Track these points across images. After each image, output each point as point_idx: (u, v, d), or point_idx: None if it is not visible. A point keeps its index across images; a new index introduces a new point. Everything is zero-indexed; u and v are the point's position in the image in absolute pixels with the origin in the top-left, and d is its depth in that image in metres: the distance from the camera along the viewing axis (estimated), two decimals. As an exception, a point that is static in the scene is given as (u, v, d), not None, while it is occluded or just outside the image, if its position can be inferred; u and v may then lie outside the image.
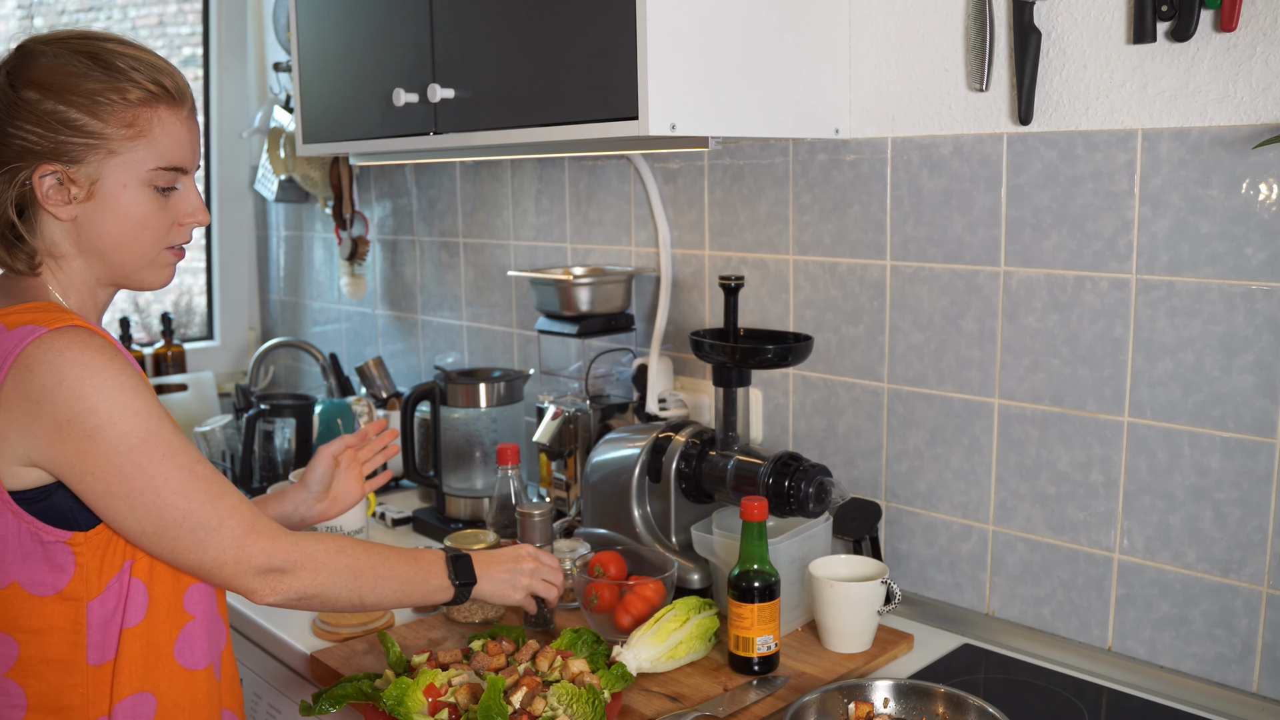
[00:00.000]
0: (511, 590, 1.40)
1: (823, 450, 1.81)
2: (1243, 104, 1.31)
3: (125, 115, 1.15)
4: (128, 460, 1.09)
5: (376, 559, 1.26)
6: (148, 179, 1.17)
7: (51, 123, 1.12)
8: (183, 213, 1.22)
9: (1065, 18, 1.45)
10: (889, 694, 1.32)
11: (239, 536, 1.15)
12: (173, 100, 1.18)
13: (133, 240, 1.19)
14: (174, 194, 1.21)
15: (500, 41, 1.61)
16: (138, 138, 1.15)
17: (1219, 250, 1.35)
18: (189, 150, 1.21)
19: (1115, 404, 1.47)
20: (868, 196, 1.70)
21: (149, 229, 1.19)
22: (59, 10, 2.92)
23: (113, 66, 1.15)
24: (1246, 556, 1.37)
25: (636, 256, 2.09)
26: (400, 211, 2.72)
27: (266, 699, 1.74)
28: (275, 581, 1.18)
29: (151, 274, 1.23)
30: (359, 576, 1.24)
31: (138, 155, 1.16)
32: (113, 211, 1.17)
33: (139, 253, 1.20)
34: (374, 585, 1.25)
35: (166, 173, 1.19)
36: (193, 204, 1.23)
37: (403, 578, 1.29)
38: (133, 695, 1.15)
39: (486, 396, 2.13)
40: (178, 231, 1.22)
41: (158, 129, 1.17)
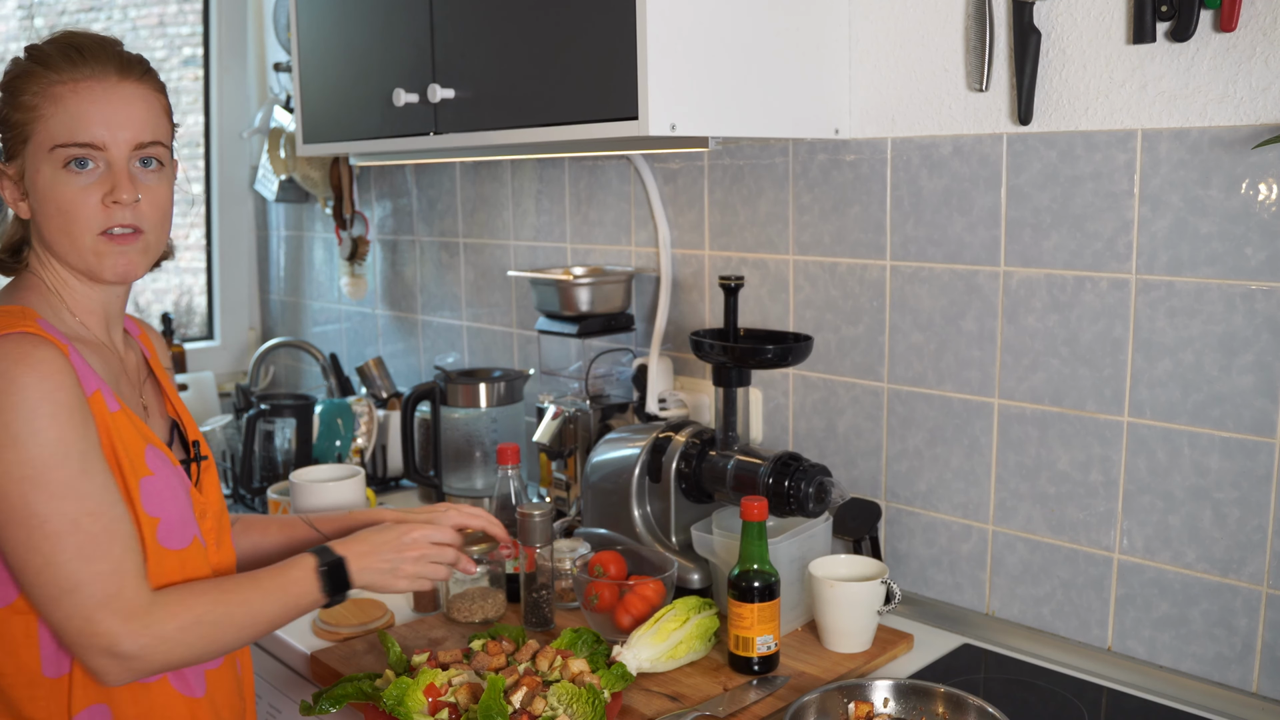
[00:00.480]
0: (393, 579, 1.29)
1: (822, 450, 1.81)
2: (1242, 104, 1.31)
3: (26, 99, 1.13)
4: (15, 489, 1.05)
5: (236, 608, 1.17)
6: (54, 160, 1.13)
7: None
8: (104, 192, 1.15)
9: (1065, 18, 1.45)
10: (889, 694, 1.32)
11: (89, 608, 1.07)
12: (76, 79, 1.13)
13: (61, 229, 1.15)
14: (95, 174, 1.15)
15: (500, 42, 1.62)
16: (38, 119, 1.13)
17: (1218, 250, 1.35)
18: (96, 123, 1.14)
19: (1115, 404, 1.47)
20: (867, 196, 1.70)
21: (70, 213, 1.14)
22: (59, 10, 2.92)
23: (31, 55, 1.15)
24: (1246, 556, 1.38)
25: (636, 256, 2.09)
26: (400, 211, 2.72)
27: (267, 699, 1.75)
28: (121, 666, 1.09)
29: (96, 264, 1.17)
30: (218, 638, 1.15)
31: (41, 136, 1.13)
32: (40, 200, 1.15)
33: (70, 242, 1.16)
34: (237, 636, 1.17)
35: (68, 149, 1.13)
36: (113, 183, 1.15)
37: (271, 613, 1.20)
38: (89, 707, 1.14)
39: (487, 396, 2.13)
40: (103, 214, 1.15)
41: (50, 106, 1.13)
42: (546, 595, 1.64)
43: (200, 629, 1.13)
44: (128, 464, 1.15)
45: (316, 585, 1.23)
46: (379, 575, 1.28)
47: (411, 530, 1.31)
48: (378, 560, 1.28)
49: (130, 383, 1.26)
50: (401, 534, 1.31)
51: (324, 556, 1.25)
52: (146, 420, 1.25)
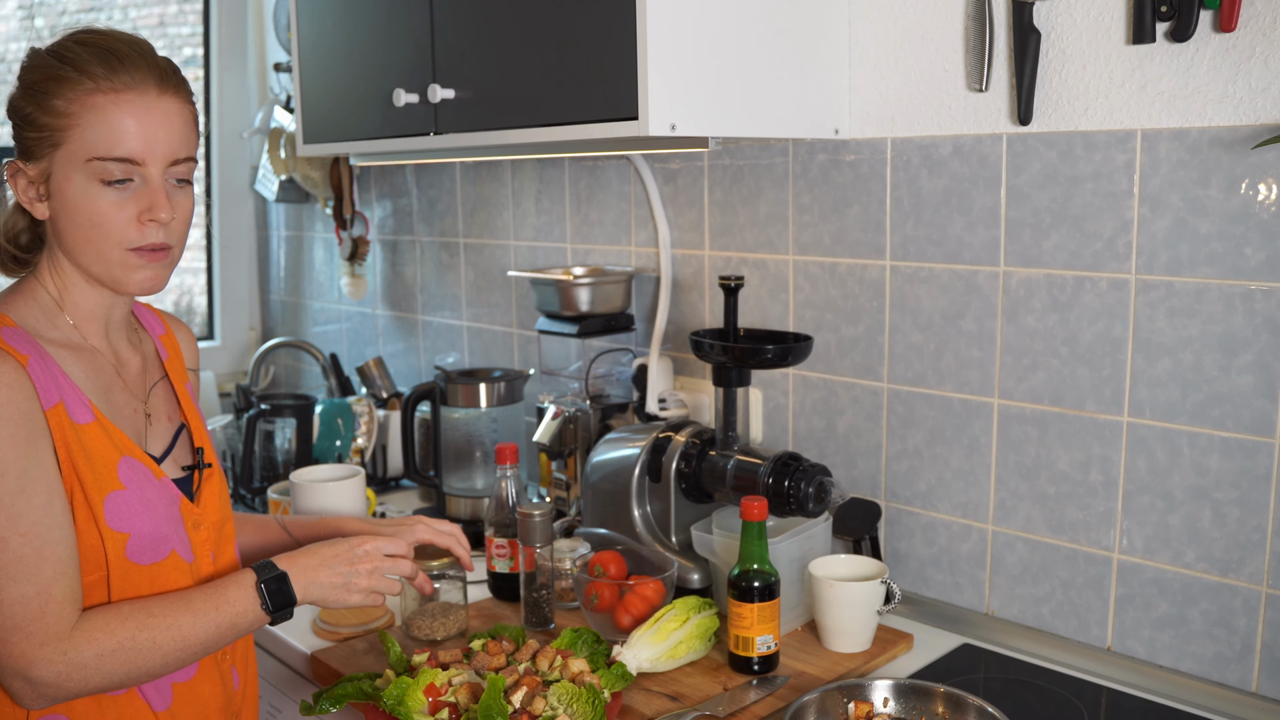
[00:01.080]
0: (346, 594, 1.24)
1: (822, 450, 1.81)
2: (1242, 104, 1.31)
3: (63, 105, 1.11)
4: None
5: (163, 633, 1.11)
6: (92, 172, 1.11)
7: (16, 119, 1.13)
8: (141, 209, 1.14)
9: (1065, 18, 1.45)
10: (889, 693, 1.32)
11: (6, 630, 1.05)
12: (114, 89, 1.11)
13: (88, 238, 1.13)
14: (131, 189, 1.13)
15: (500, 42, 1.62)
16: (74, 127, 1.11)
17: (1218, 250, 1.35)
18: (137, 139, 1.12)
19: (1114, 404, 1.47)
20: (867, 197, 1.70)
21: (100, 226, 1.13)
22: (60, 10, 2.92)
23: (63, 57, 1.12)
24: (1245, 556, 1.38)
25: (636, 256, 2.10)
26: (400, 212, 2.72)
27: (267, 698, 1.75)
28: (34, 691, 1.06)
29: (122, 276, 1.16)
30: (141, 664, 1.10)
31: (75, 145, 1.11)
32: (66, 206, 1.13)
33: (96, 253, 1.14)
34: (164, 661, 1.12)
35: (107, 164, 1.11)
36: (150, 200, 1.13)
37: (203, 636, 1.14)
38: (46, 716, 1.12)
39: (487, 396, 2.13)
40: (137, 230, 1.14)
41: (90, 116, 1.11)
42: (546, 595, 1.65)
43: (121, 655, 1.09)
44: (92, 479, 1.12)
45: (256, 603, 1.17)
46: (330, 590, 1.23)
47: (364, 543, 1.26)
48: (328, 574, 1.23)
49: (128, 388, 1.23)
50: (353, 546, 1.25)
51: (265, 572, 1.19)
52: (146, 427, 1.23)
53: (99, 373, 1.19)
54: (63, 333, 1.18)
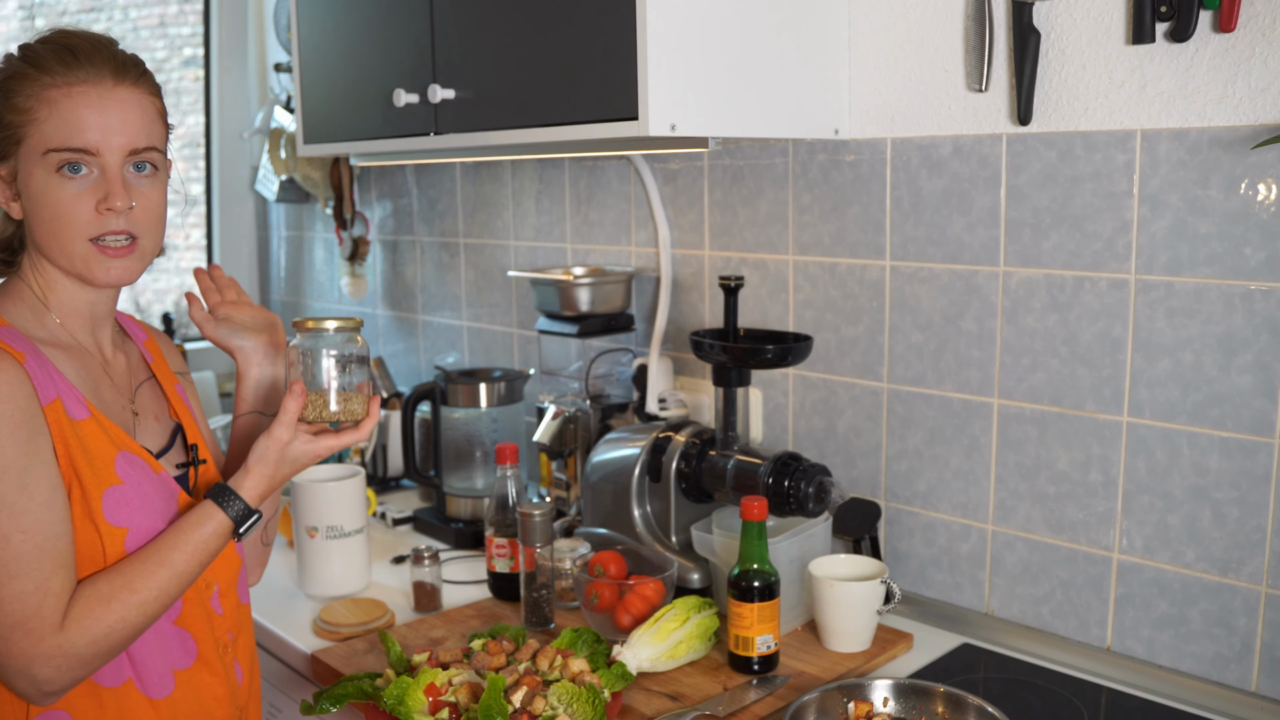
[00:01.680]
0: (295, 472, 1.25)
1: (822, 450, 1.81)
2: (1241, 104, 1.31)
3: (20, 101, 1.12)
4: None
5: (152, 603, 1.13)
6: (47, 164, 1.12)
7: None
8: (98, 199, 1.14)
9: (1064, 18, 1.45)
10: (888, 693, 1.32)
11: (5, 627, 1.05)
12: (70, 82, 1.12)
13: (52, 233, 1.14)
14: (89, 179, 1.14)
15: (500, 42, 1.62)
16: (31, 122, 1.12)
17: (1218, 250, 1.36)
18: (91, 129, 1.12)
19: (1114, 404, 1.47)
20: (867, 197, 1.70)
21: (62, 218, 1.13)
22: (60, 11, 2.92)
23: (25, 56, 1.14)
24: (1245, 556, 1.38)
25: (636, 257, 2.10)
26: (401, 212, 2.72)
27: (267, 698, 1.75)
28: (35, 689, 1.07)
29: (91, 269, 1.16)
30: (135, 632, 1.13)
31: (34, 140, 1.13)
32: (33, 203, 1.15)
33: (61, 246, 1.15)
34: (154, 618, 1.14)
35: (62, 154, 1.12)
36: (105, 189, 1.14)
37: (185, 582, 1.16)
38: (44, 713, 1.12)
39: (487, 396, 2.14)
40: (96, 220, 1.14)
41: (46, 110, 1.12)
42: (547, 595, 1.65)
43: (115, 635, 1.11)
44: (90, 474, 1.13)
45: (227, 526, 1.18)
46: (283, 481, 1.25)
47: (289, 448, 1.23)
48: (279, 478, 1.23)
49: (115, 386, 1.23)
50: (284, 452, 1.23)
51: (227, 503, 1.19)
52: (136, 425, 1.23)
53: (88, 370, 1.20)
54: (50, 331, 1.19)
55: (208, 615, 1.24)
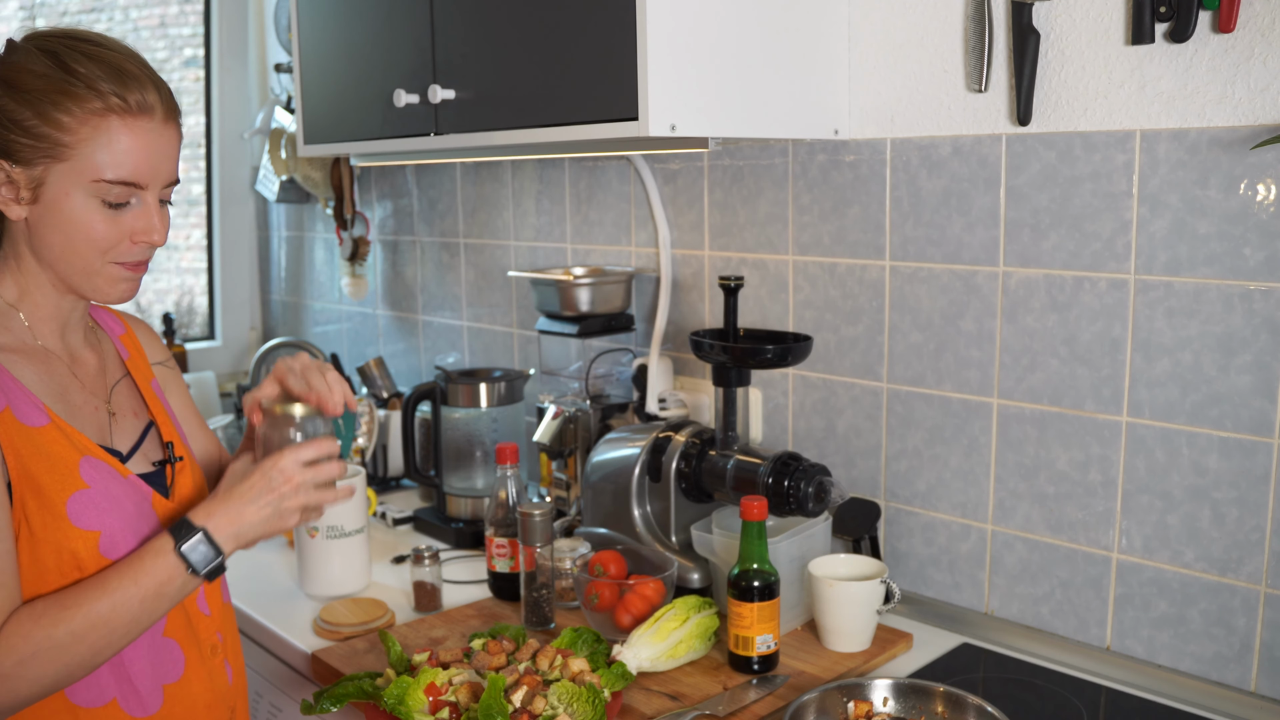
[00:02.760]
0: (280, 522, 1.16)
1: (822, 450, 1.82)
2: (1241, 105, 1.32)
3: (71, 122, 1.10)
4: None
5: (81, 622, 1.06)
6: (94, 190, 1.12)
7: (2, 120, 1.10)
8: (135, 230, 1.15)
9: (1064, 19, 1.45)
10: (888, 693, 1.33)
11: None
12: (128, 111, 1.12)
13: (74, 250, 1.13)
14: (128, 209, 1.15)
15: (501, 43, 1.62)
16: (81, 145, 1.10)
17: (1217, 250, 1.36)
18: (144, 165, 1.13)
19: (1114, 404, 1.47)
20: (867, 197, 1.70)
21: (91, 241, 1.13)
22: (61, 11, 2.92)
23: (71, 70, 1.10)
24: (1244, 556, 1.38)
25: (636, 257, 2.10)
26: (401, 212, 2.72)
27: (268, 698, 1.75)
28: None
29: (102, 286, 1.17)
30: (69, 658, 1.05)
31: (83, 165, 1.11)
32: (56, 219, 1.12)
33: (81, 264, 1.14)
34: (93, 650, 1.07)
35: (113, 186, 1.12)
36: (145, 223, 1.15)
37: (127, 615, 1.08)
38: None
39: (487, 396, 2.14)
40: (126, 248, 1.16)
41: (103, 139, 1.11)
42: (547, 594, 1.65)
43: (44, 656, 1.04)
44: (51, 480, 1.10)
45: (180, 568, 1.11)
46: (262, 525, 1.15)
47: (276, 461, 1.16)
48: (254, 510, 1.14)
49: (86, 388, 1.21)
50: (266, 471, 1.16)
51: (182, 534, 1.12)
52: (111, 426, 1.21)
53: (53, 375, 1.18)
54: (15, 335, 1.16)
55: (193, 620, 1.22)
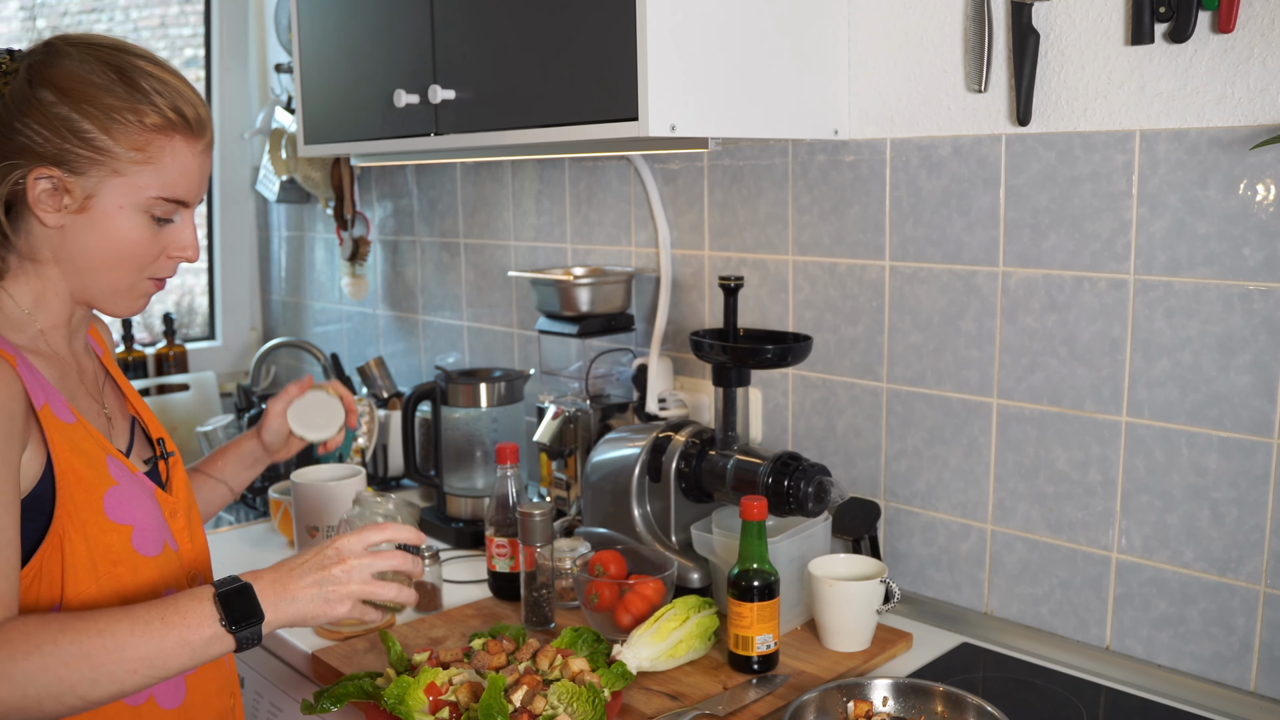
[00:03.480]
0: (327, 607, 1.07)
1: (822, 450, 1.82)
2: (1240, 105, 1.32)
3: (138, 138, 1.11)
4: None
5: (94, 638, 0.97)
6: (146, 205, 1.13)
7: (60, 128, 1.08)
8: (173, 245, 1.18)
9: (1063, 19, 1.45)
10: (888, 692, 1.33)
11: None
12: (190, 131, 1.15)
13: (114, 263, 1.14)
14: (169, 225, 1.17)
15: (501, 43, 1.62)
16: (146, 163, 1.12)
17: (1216, 250, 1.36)
18: (195, 184, 1.17)
19: (1113, 404, 1.47)
20: (867, 197, 1.70)
21: (134, 255, 1.15)
22: (61, 12, 2.92)
23: (136, 85, 1.11)
24: (1244, 556, 1.38)
25: (636, 257, 2.10)
26: (401, 212, 2.73)
27: (268, 698, 1.75)
28: None
29: (124, 302, 1.18)
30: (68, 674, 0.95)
31: (142, 180, 1.12)
32: (102, 230, 1.12)
33: (117, 276, 1.16)
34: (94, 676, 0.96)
35: (166, 203, 1.14)
36: (185, 239, 1.18)
37: (144, 651, 0.98)
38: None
39: (487, 396, 2.14)
40: (163, 264, 1.18)
41: (168, 157, 1.13)
42: (547, 594, 1.65)
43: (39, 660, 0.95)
44: (90, 475, 1.11)
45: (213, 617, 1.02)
46: (307, 604, 1.06)
47: (334, 541, 1.11)
48: (302, 587, 1.06)
49: (89, 393, 1.22)
50: (322, 548, 1.11)
51: (224, 585, 1.05)
52: (110, 428, 1.22)
53: (65, 378, 1.19)
54: (30, 339, 1.16)
55: None
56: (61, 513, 1.09)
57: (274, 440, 1.52)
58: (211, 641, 1.02)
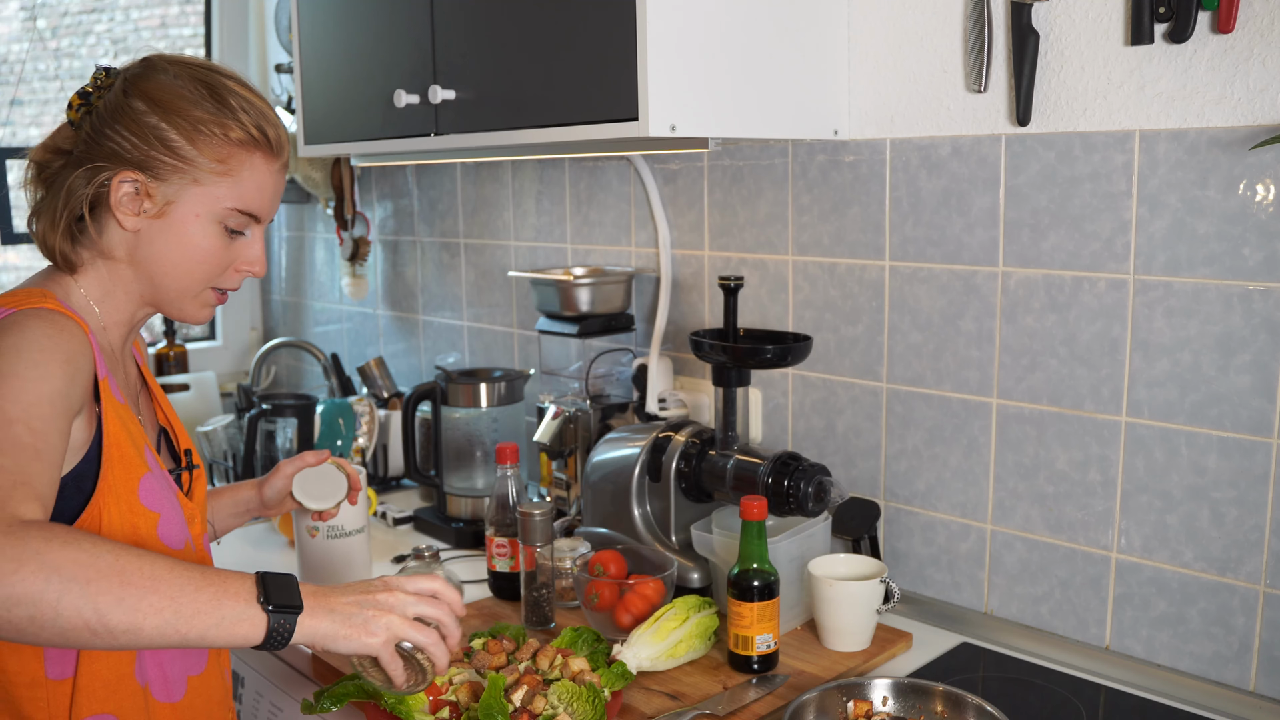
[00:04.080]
0: (364, 629, 0.98)
1: (822, 450, 1.82)
2: (1240, 105, 1.32)
3: (221, 150, 1.17)
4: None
5: (132, 560, 0.92)
6: (221, 216, 1.19)
7: (149, 136, 1.14)
8: (242, 259, 1.23)
9: (1063, 19, 1.45)
10: (888, 692, 1.33)
11: None
12: (269, 150, 1.20)
13: (185, 270, 1.19)
14: (240, 239, 1.22)
15: (501, 43, 1.62)
16: (226, 175, 1.17)
17: (1216, 251, 1.36)
18: (269, 201, 1.23)
19: (1113, 404, 1.47)
20: (867, 197, 1.70)
21: (205, 264, 1.20)
22: (61, 12, 2.92)
23: (224, 102, 1.17)
24: (1243, 555, 1.38)
25: (636, 257, 2.10)
26: (401, 212, 2.73)
27: (269, 697, 1.75)
28: None
29: (191, 308, 1.24)
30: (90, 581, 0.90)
31: (219, 191, 1.17)
32: (177, 236, 1.18)
33: (187, 283, 1.21)
34: (120, 599, 0.90)
35: (241, 215, 1.20)
36: (254, 254, 1.24)
37: (169, 599, 0.92)
38: (93, 716, 1.12)
39: (487, 396, 2.14)
40: (231, 275, 1.24)
41: (247, 172, 1.19)
42: (547, 594, 1.65)
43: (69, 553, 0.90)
44: (134, 455, 1.15)
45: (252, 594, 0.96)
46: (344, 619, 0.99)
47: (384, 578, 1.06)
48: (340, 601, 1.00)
49: (130, 395, 1.27)
50: (372, 581, 1.05)
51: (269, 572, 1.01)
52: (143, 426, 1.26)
53: (114, 373, 1.23)
54: (92, 330, 1.21)
55: None
56: (104, 486, 1.11)
57: (273, 497, 1.52)
58: (243, 616, 0.95)
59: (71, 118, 1.19)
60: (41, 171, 1.20)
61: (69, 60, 2.93)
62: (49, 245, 1.18)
